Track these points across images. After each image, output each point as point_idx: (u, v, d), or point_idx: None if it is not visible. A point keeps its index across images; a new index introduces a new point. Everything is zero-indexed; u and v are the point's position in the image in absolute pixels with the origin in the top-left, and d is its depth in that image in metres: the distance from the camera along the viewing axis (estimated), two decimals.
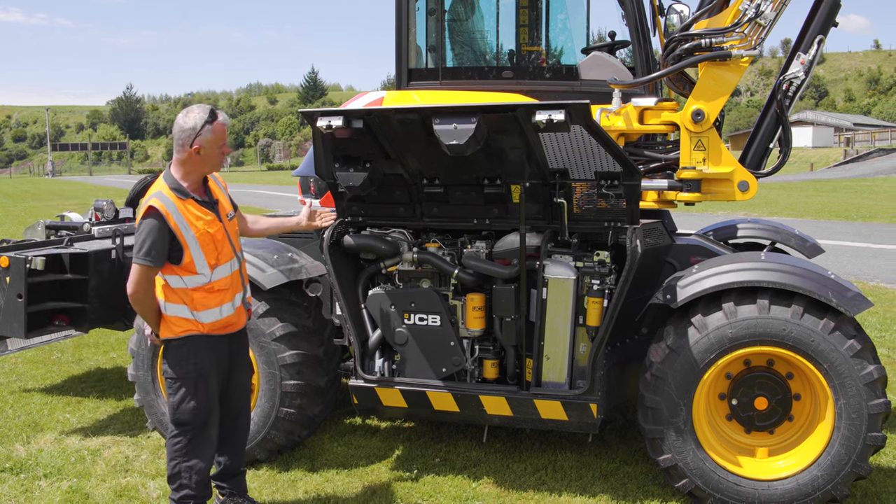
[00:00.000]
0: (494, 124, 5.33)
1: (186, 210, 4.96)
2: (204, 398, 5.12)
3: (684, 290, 5.46)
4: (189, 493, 5.15)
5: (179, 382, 5.08)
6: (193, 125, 4.95)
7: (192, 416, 5.10)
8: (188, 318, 5.06)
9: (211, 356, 5.14)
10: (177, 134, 5.02)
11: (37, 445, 6.94)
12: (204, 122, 4.96)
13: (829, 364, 5.17)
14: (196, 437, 5.13)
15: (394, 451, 6.71)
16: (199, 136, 4.95)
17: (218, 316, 5.14)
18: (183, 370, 5.08)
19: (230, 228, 5.26)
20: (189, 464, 5.13)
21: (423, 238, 6.22)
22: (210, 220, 5.07)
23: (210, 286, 5.08)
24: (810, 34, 6.14)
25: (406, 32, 7.07)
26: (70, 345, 10.33)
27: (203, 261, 5.01)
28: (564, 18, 7.62)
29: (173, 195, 4.95)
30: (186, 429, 5.11)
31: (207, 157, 5.03)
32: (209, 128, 4.97)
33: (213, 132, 4.99)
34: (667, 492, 5.86)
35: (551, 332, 5.84)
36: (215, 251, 5.07)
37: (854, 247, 18.63)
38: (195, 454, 5.14)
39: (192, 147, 4.96)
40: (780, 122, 6.25)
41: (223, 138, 5.09)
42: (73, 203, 36.16)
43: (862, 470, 5.24)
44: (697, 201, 6.29)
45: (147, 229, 4.87)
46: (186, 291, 5.04)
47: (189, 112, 5.04)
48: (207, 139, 4.98)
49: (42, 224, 8.48)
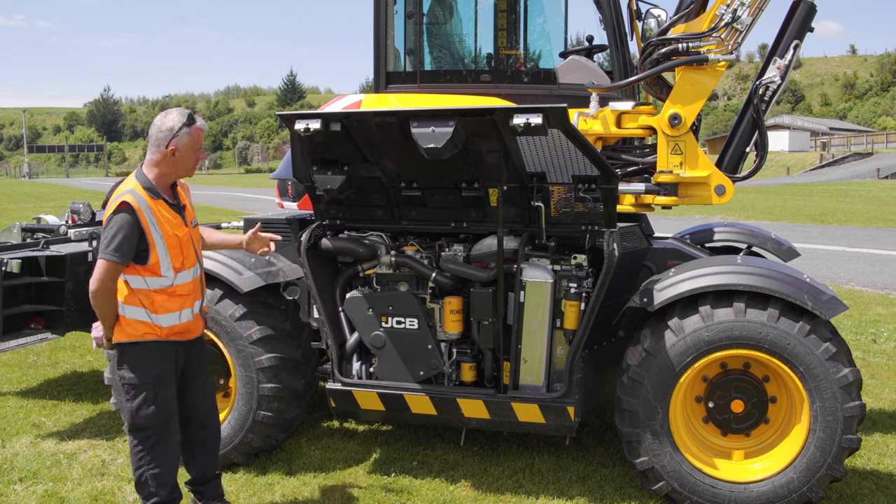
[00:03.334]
0: (472, 128, 5.33)
1: (157, 210, 4.91)
2: (163, 403, 5.03)
3: (661, 293, 5.48)
4: (157, 501, 5.09)
5: (137, 388, 4.98)
6: (171, 126, 4.93)
7: (152, 422, 5.01)
8: (146, 322, 4.96)
9: (168, 361, 5.07)
10: (153, 134, 4.98)
11: (12, 449, 6.89)
12: (182, 124, 4.94)
13: (805, 367, 5.20)
14: (159, 443, 5.06)
15: (371, 454, 6.70)
16: (175, 138, 4.92)
17: (177, 320, 5.06)
18: (141, 375, 4.98)
19: (194, 235, 5.23)
20: (154, 471, 5.05)
21: (401, 241, 6.22)
22: (177, 223, 5.02)
23: (172, 289, 5.01)
24: (786, 39, 6.18)
25: (384, 35, 7.06)
26: (46, 348, 10.26)
27: (168, 263, 4.95)
28: (542, 22, 7.64)
29: (146, 194, 4.90)
30: (147, 434, 5.03)
31: (182, 159, 4.99)
32: (186, 131, 4.95)
33: (189, 135, 4.96)
34: (644, 494, 5.87)
35: (529, 336, 5.85)
36: (181, 255, 5.02)
37: (830, 250, 18.76)
38: (159, 460, 5.06)
39: (167, 148, 4.93)
40: (757, 126, 6.28)
41: (199, 143, 5.06)
42: (49, 205, 35.91)
43: (837, 472, 5.27)
44: (674, 205, 6.31)
45: (118, 225, 4.79)
46: (147, 293, 4.95)
47: (168, 114, 5.01)
48: (184, 142, 4.95)
49: (18, 226, 8.42)
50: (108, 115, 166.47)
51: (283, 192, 8.70)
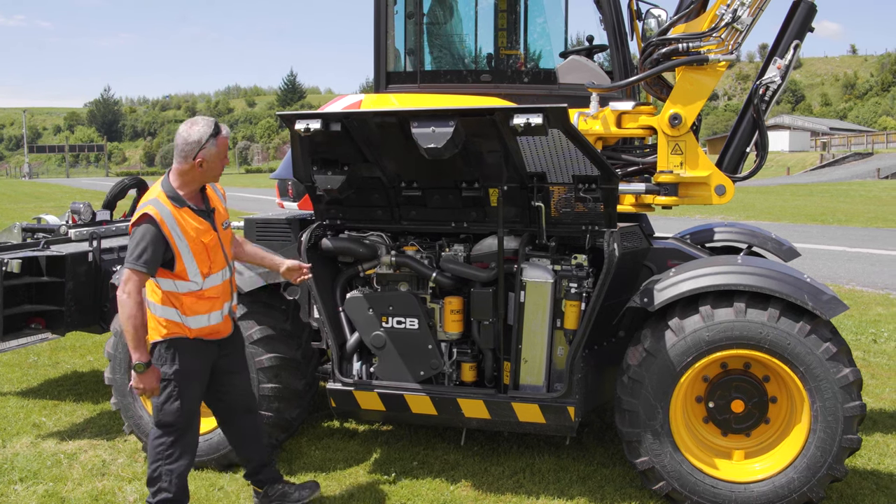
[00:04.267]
0: (472, 128, 5.33)
1: (181, 218, 4.96)
2: (188, 400, 5.10)
3: (661, 293, 5.48)
4: (167, 497, 5.13)
5: (164, 383, 5.04)
6: (198, 138, 4.96)
7: (176, 418, 5.08)
8: (176, 322, 5.04)
9: (196, 359, 5.14)
10: (180, 145, 5.00)
11: (12, 449, 6.89)
12: (209, 135, 4.98)
13: (805, 367, 5.20)
14: (179, 440, 5.13)
15: (371, 454, 6.70)
16: (203, 150, 4.97)
17: (206, 323, 5.13)
18: (168, 371, 5.04)
19: (224, 237, 5.27)
20: (170, 466, 5.12)
21: (401, 241, 6.22)
22: (204, 229, 5.07)
23: (201, 293, 5.08)
24: (786, 39, 6.17)
25: (385, 35, 7.06)
26: (46, 348, 10.26)
27: (195, 269, 5.02)
28: (543, 22, 7.64)
29: (169, 203, 4.95)
30: (170, 430, 5.10)
31: (209, 169, 5.05)
32: (213, 141, 5.00)
33: (216, 146, 5.02)
34: (644, 494, 5.87)
35: (529, 336, 5.85)
36: (208, 260, 5.08)
37: (830, 250, 18.75)
38: (177, 457, 5.13)
39: (195, 160, 4.97)
40: (757, 126, 6.27)
41: (225, 151, 5.12)
42: (49, 205, 35.92)
43: (838, 472, 5.27)
44: (675, 205, 6.31)
45: (141, 235, 4.85)
46: (177, 296, 5.03)
47: (194, 124, 5.04)
48: (211, 152, 5.00)
49: (18, 226, 8.42)
50: (108, 115, 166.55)
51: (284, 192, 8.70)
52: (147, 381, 4.92)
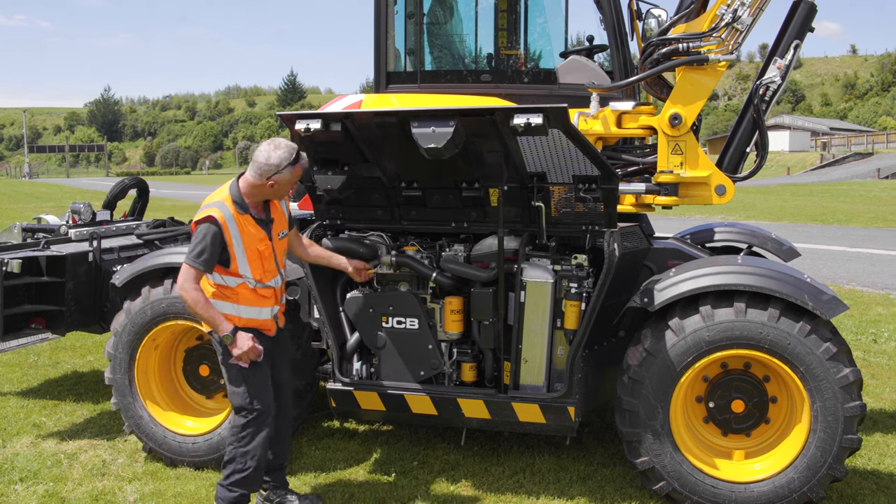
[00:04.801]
0: (472, 128, 5.33)
1: (242, 224, 5.18)
2: (254, 383, 5.27)
3: (661, 293, 5.48)
4: (238, 479, 5.29)
5: (230, 370, 5.28)
6: (278, 163, 5.16)
7: (244, 401, 5.26)
8: (231, 314, 5.23)
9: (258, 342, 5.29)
10: (260, 161, 5.18)
11: (12, 449, 6.89)
12: (288, 163, 5.17)
13: (805, 367, 5.19)
14: (250, 423, 5.28)
15: (372, 454, 6.70)
16: (278, 174, 5.18)
17: (257, 315, 5.35)
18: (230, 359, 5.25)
19: (278, 247, 5.45)
20: (244, 449, 5.29)
21: (402, 241, 6.22)
22: (261, 237, 5.28)
23: (254, 290, 5.30)
24: (787, 39, 6.17)
25: (385, 35, 7.06)
26: (46, 348, 10.26)
27: (249, 274, 5.24)
28: (543, 22, 7.63)
29: (234, 208, 5.19)
30: (243, 413, 5.29)
31: (278, 190, 5.28)
32: (290, 169, 5.20)
33: (291, 173, 5.23)
34: (644, 494, 5.87)
35: (529, 336, 5.85)
36: (261, 267, 5.30)
37: (830, 250, 18.76)
38: (249, 439, 5.29)
39: (268, 180, 5.17)
40: (757, 126, 6.27)
41: (297, 178, 5.35)
42: (49, 205, 35.93)
43: (838, 472, 5.27)
44: (675, 205, 6.31)
45: (203, 235, 5.10)
46: (231, 289, 5.27)
47: (277, 147, 5.20)
48: (284, 177, 5.21)
49: (18, 226, 8.42)
50: (108, 115, 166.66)
51: None
52: (240, 344, 5.14)
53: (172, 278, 6.33)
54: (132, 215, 9.30)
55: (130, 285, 6.49)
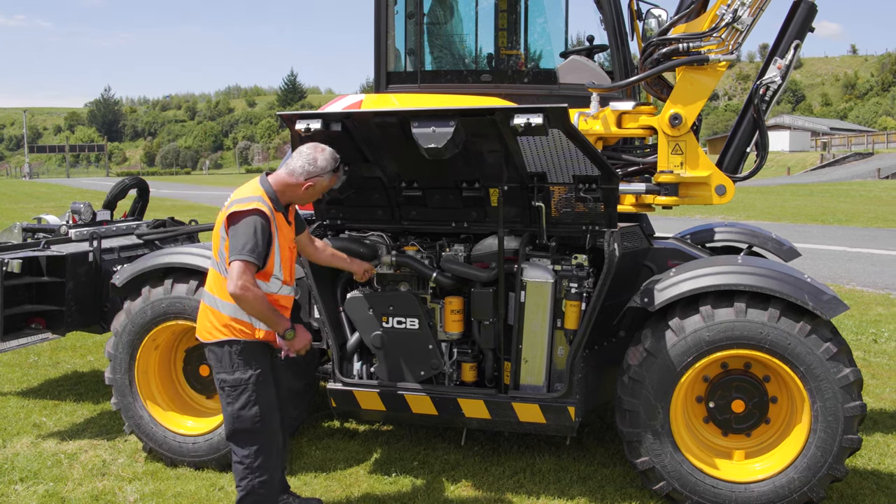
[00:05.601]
0: (473, 128, 5.33)
1: (279, 222, 5.08)
2: (265, 405, 5.09)
3: (661, 293, 5.48)
4: None
5: (240, 389, 5.05)
6: (323, 166, 5.11)
7: (255, 424, 5.05)
8: (245, 322, 5.04)
9: (266, 361, 5.17)
10: (303, 161, 5.11)
11: (13, 449, 6.89)
12: (331, 169, 5.15)
13: (806, 367, 5.19)
14: (263, 448, 5.09)
15: (372, 454, 6.70)
16: (319, 177, 5.12)
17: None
18: (243, 376, 5.05)
19: (295, 253, 5.39)
20: (262, 478, 5.08)
21: (402, 241, 6.22)
22: (291, 238, 5.24)
23: (275, 298, 5.11)
24: (787, 39, 6.17)
25: (385, 35, 7.06)
26: (47, 348, 10.26)
27: (280, 272, 5.12)
28: (543, 22, 7.63)
29: (271, 203, 5.03)
30: (253, 438, 5.06)
31: (309, 195, 5.20)
32: (328, 176, 5.17)
33: (329, 180, 5.19)
34: (644, 494, 5.87)
35: (529, 336, 5.85)
36: (289, 269, 5.22)
37: (830, 250, 18.75)
38: (265, 466, 5.09)
39: (307, 181, 5.10)
40: (757, 126, 6.27)
41: (330, 187, 5.33)
42: (50, 205, 35.89)
43: (838, 472, 5.27)
44: (675, 205, 6.31)
45: (253, 228, 4.86)
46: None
47: (323, 151, 5.15)
48: (321, 184, 5.17)
49: (18, 226, 8.42)
50: (108, 115, 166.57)
51: None
52: (300, 340, 5.07)
53: (173, 278, 6.34)
54: (132, 215, 9.30)
55: (131, 285, 6.49)
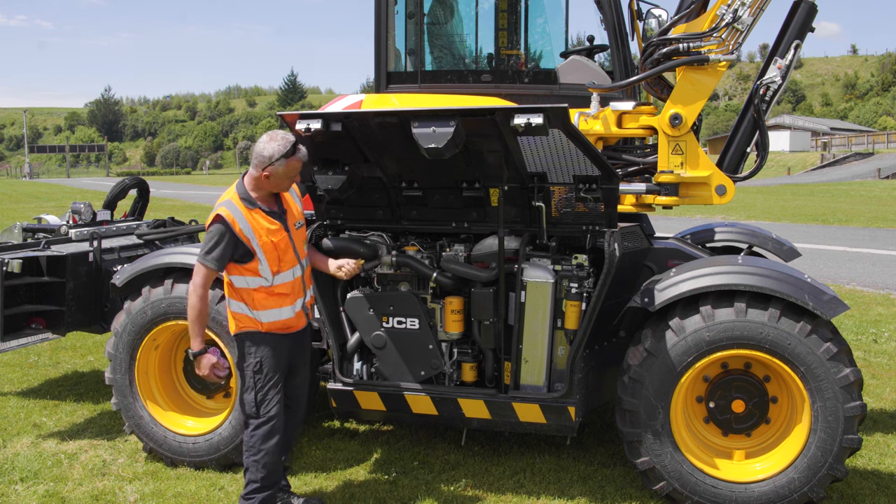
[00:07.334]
0: (473, 128, 5.33)
1: (253, 219, 5.19)
2: (266, 392, 5.30)
3: (662, 293, 5.48)
4: (255, 487, 5.32)
5: (246, 376, 5.33)
6: (270, 154, 5.14)
7: (254, 409, 5.30)
8: (248, 316, 5.30)
9: (273, 351, 5.32)
10: (255, 153, 5.23)
11: (13, 449, 6.89)
12: (280, 155, 5.14)
13: (806, 367, 5.20)
14: (259, 431, 5.30)
15: (372, 454, 6.71)
16: (271, 166, 5.16)
17: (277, 317, 5.35)
18: (247, 364, 5.32)
19: (296, 237, 5.45)
20: (255, 458, 5.31)
21: (402, 241, 6.22)
22: (275, 229, 5.27)
23: (270, 289, 5.30)
24: (787, 39, 6.17)
25: (385, 35, 7.06)
26: (47, 348, 10.26)
27: (266, 268, 5.24)
28: (543, 22, 7.63)
29: (242, 205, 5.22)
30: (252, 421, 5.33)
31: (275, 184, 5.26)
32: (283, 161, 5.16)
33: (285, 166, 5.18)
34: (644, 494, 5.87)
35: (530, 336, 5.85)
36: (277, 259, 5.28)
37: (830, 250, 18.75)
38: (261, 446, 5.30)
39: (263, 171, 5.17)
40: (758, 126, 6.27)
41: (295, 172, 5.30)
42: (50, 205, 35.87)
43: (838, 472, 5.27)
44: (675, 205, 6.31)
45: (214, 234, 5.13)
46: (248, 291, 5.29)
47: (272, 139, 5.19)
48: (278, 171, 5.18)
49: (19, 226, 8.42)
50: (108, 115, 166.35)
51: None
52: (199, 366, 5.25)
53: (173, 278, 6.34)
54: (132, 215, 9.31)
55: (131, 285, 6.50)
